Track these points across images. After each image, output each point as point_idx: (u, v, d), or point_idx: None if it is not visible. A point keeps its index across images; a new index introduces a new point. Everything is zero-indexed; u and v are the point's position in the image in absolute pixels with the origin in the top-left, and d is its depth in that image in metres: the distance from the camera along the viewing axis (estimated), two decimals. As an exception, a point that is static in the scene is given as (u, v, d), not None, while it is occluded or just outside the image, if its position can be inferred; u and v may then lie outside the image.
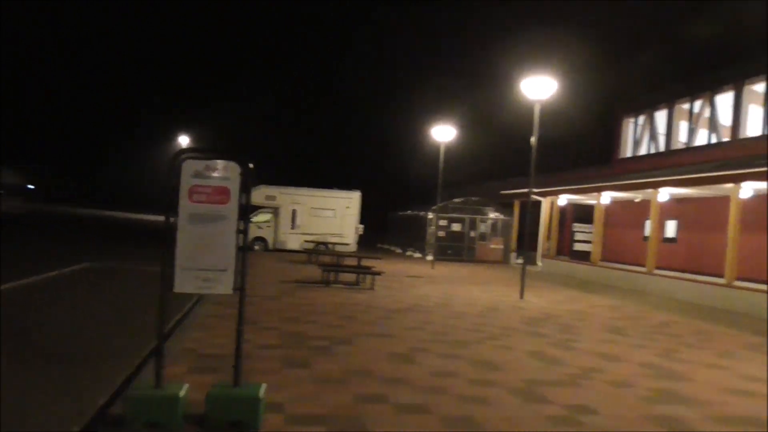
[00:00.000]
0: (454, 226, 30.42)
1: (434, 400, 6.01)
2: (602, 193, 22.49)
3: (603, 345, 9.54)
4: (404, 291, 15.21)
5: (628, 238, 24.72)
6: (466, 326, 10.49)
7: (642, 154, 24.53)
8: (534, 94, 15.02)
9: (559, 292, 17.37)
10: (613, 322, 12.21)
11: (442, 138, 24.32)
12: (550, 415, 5.75)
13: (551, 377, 7.23)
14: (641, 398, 6.55)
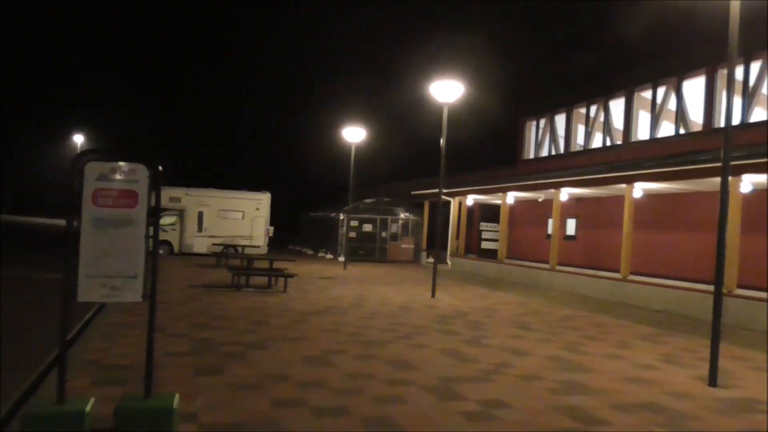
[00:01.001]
0: (366, 227, 30.59)
1: (352, 401, 6.01)
2: (507, 193, 23.34)
3: (512, 340, 9.89)
4: (317, 293, 15.13)
5: (532, 236, 25.78)
6: (381, 326, 10.57)
7: (544, 155, 25.66)
8: (442, 97, 15.36)
9: (468, 290, 17.85)
10: (520, 317, 12.69)
11: (352, 139, 24.40)
12: (465, 411, 5.90)
13: (465, 374, 7.42)
14: (549, 390, 6.85)
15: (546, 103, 25.72)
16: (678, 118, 18.92)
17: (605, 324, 12.39)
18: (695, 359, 9.02)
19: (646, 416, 6.06)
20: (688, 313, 14.16)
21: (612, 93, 21.91)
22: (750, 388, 7.47)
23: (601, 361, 8.64)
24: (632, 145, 20.58)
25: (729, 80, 7.96)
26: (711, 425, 5.89)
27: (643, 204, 17.98)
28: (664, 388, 7.24)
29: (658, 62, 20.27)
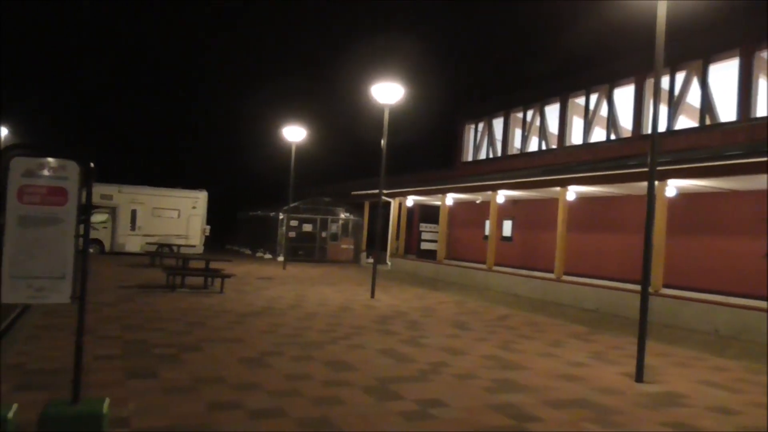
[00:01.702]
0: (306, 227, 30.39)
1: (289, 403, 5.97)
2: (446, 195, 23.66)
3: (449, 340, 10.04)
4: (255, 293, 14.92)
5: (470, 237, 26.22)
6: (319, 327, 10.53)
7: (482, 158, 26.15)
8: (383, 99, 15.44)
9: (407, 290, 18.00)
10: (458, 317, 12.89)
11: (293, 138, 24.20)
12: (403, 411, 5.95)
13: (403, 373, 7.48)
14: (484, 388, 6.98)
15: (484, 107, 26.22)
16: (609, 125, 19.65)
17: (539, 323, 12.73)
18: (623, 356, 9.38)
19: (577, 412, 6.26)
20: (617, 312, 14.72)
21: (548, 99, 22.54)
22: (673, 383, 7.83)
23: (534, 359, 8.87)
24: (566, 149, 21.23)
25: (655, 89, 8.32)
26: (637, 419, 6.14)
27: (576, 206, 18.58)
28: (594, 384, 7.51)
29: (591, 70, 20.99)
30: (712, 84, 16.41)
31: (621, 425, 5.92)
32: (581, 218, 19.32)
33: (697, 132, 16.42)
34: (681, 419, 6.22)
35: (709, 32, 16.87)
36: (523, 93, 24.01)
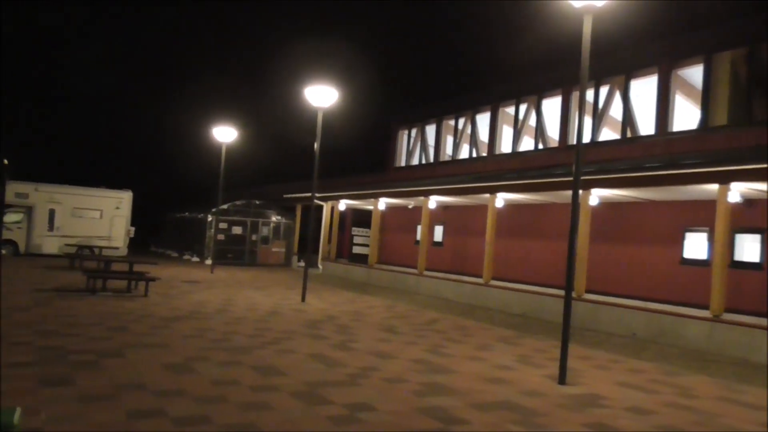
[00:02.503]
0: (235, 229, 29.80)
1: (215, 409, 5.81)
2: (379, 199, 23.77)
3: (379, 344, 10.06)
4: (181, 297, 14.50)
5: (402, 241, 26.41)
6: (248, 332, 10.33)
7: (414, 164, 26.41)
8: (317, 102, 15.35)
9: (338, 294, 17.93)
10: (388, 321, 12.94)
11: (223, 138, 23.70)
12: (332, 415, 5.90)
13: (332, 378, 7.43)
14: (413, 392, 7.03)
15: (418, 113, 26.51)
16: (537, 134, 20.26)
17: (468, 327, 12.94)
18: (547, 359, 9.66)
19: (502, 414, 6.39)
20: (542, 316, 15.16)
21: (479, 107, 23.02)
22: (593, 385, 8.12)
23: (462, 362, 9.01)
24: (496, 157, 21.73)
25: (581, 102, 8.64)
26: (559, 420, 6.33)
27: (505, 213, 19.04)
28: (519, 387, 7.69)
29: (520, 81, 21.59)
30: (633, 98, 17.19)
31: (544, 426, 6.08)
32: (509, 225, 19.81)
33: (619, 144, 17.15)
34: (600, 420, 6.45)
35: (631, 49, 17.69)
36: (456, 101, 24.43)
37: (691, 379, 8.96)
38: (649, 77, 16.72)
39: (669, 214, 15.68)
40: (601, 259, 16.56)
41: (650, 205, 16.12)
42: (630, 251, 16.45)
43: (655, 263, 15.78)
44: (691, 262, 14.94)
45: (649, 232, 16.08)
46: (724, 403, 7.58)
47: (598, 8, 8.32)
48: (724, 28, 15.21)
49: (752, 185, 12.14)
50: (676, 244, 15.36)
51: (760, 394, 8.33)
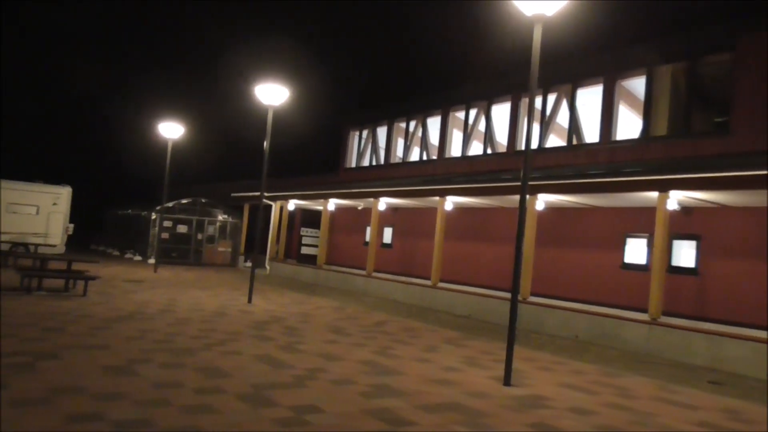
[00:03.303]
0: (181, 228, 29.15)
1: (157, 413, 5.65)
2: (329, 200, 23.66)
3: (326, 345, 10.00)
4: (122, 297, 14.07)
5: (351, 243, 26.36)
6: (192, 333, 10.10)
7: (365, 165, 26.42)
8: (267, 100, 15.17)
9: (286, 295, 17.75)
10: (336, 322, 12.89)
11: (169, 135, 23.14)
12: (277, 418, 5.82)
13: (278, 380, 7.34)
14: (361, 394, 7.01)
15: (369, 115, 26.53)
16: (487, 139, 20.55)
17: (416, 328, 13.01)
18: (493, 361, 9.80)
19: (449, 416, 6.44)
20: (488, 318, 15.38)
21: (430, 111, 23.20)
22: (538, 386, 8.28)
23: (410, 364, 9.04)
24: (446, 161, 21.94)
25: (529, 108, 8.81)
26: (504, 421, 6.42)
27: (453, 216, 19.23)
28: (465, 388, 7.77)
29: (471, 86, 21.87)
30: (579, 107, 17.65)
31: (489, 427, 6.15)
32: (458, 228, 20.03)
33: (565, 151, 17.57)
34: (543, 420, 6.58)
35: (578, 59, 18.15)
36: (407, 104, 24.55)
37: (629, 380, 9.24)
38: (594, 87, 17.18)
39: (611, 220, 16.16)
40: (547, 262, 16.93)
41: (594, 211, 16.58)
42: (574, 255, 16.87)
43: (597, 267, 16.23)
44: (631, 267, 15.42)
45: (593, 237, 16.53)
46: (659, 403, 7.85)
47: (549, 17, 8.50)
48: (666, 42, 15.79)
49: (689, 194, 12.63)
50: (617, 249, 15.84)
51: (693, 394, 8.67)
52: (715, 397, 8.56)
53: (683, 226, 14.31)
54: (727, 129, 13.67)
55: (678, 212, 13.81)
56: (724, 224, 13.84)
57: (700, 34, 14.88)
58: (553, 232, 17.09)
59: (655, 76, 15.64)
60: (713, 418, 7.35)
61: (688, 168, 12.21)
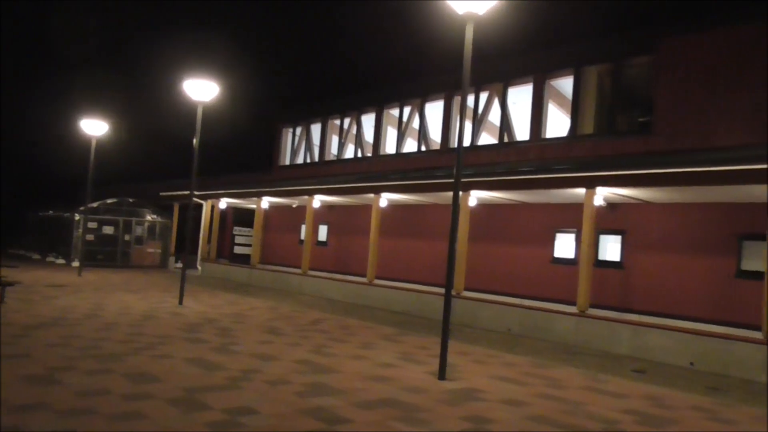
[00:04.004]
0: (106, 229, 28.03)
1: (81, 422, 5.40)
2: (262, 198, 23.31)
3: (261, 346, 9.83)
4: (44, 303, 13.41)
5: (285, 241, 26.06)
6: (120, 337, 9.73)
7: (299, 162, 26.15)
8: (197, 96, 14.77)
9: (219, 296, 17.37)
10: (271, 322, 12.70)
11: (92, 132, 22.19)
12: (210, 421, 5.67)
13: (211, 383, 7.16)
14: (296, 393, 6.92)
15: (303, 111, 26.28)
16: (421, 137, 20.72)
17: (352, 326, 12.98)
18: (428, 356, 9.89)
19: (385, 411, 6.45)
20: (424, 314, 15.53)
21: (364, 108, 23.20)
22: (471, 379, 8.41)
23: (346, 362, 9.01)
24: (381, 158, 22.00)
25: (462, 106, 8.92)
26: (439, 415, 6.48)
27: (389, 213, 19.30)
28: (402, 384, 7.80)
29: (405, 84, 22.00)
30: (510, 105, 18.04)
31: (424, 422, 6.20)
32: (393, 224, 20.13)
33: (497, 148, 17.93)
34: (477, 413, 6.68)
35: (509, 58, 18.54)
36: (341, 101, 24.47)
37: (559, 371, 9.53)
38: (525, 86, 17.60)
39: (541, 215, 16.61)
40: (480, 258, 17.24)
41: (524, 207, 17.00)
42: (506, 251, 17.25)
43: (528, 262, 16.65)
44: (560, 261, 15.91)
45: (524, 232, 16.95)
46: (588, 392, 8.12)
47: (480, 16, 8.63)
48: (592, 44, 16.34)
49: (615, 190, 13.12)
50: (547, 244, 16.30)
51: (619, 382, 9.02)
52: (638, 385, 8.93)
53: (609, 221, 14.86)
54: (650, 128, 14.27)
55: (604, 208, 14.33)
56: (646, 219, 14.47)
57: (623, 37, 15.48)
58: (486, 228, 17.42)
59: (582, 76, 16.15)
60: (638, 404, 7.67)
61: (613, 165, 12.69)
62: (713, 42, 13.28)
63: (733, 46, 12.98)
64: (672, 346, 11.14)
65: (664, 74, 14.08)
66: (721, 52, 13.15)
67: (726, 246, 13.05)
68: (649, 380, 9.37)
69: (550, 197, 15.37)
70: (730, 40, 13.04)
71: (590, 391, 8.26)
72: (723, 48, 13.13)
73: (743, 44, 12.83)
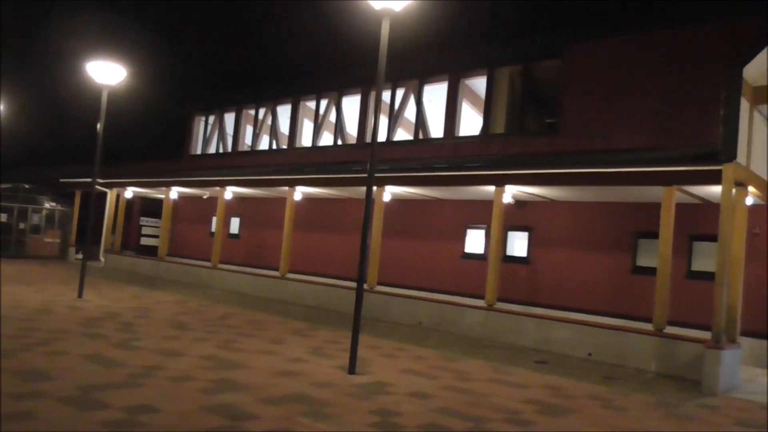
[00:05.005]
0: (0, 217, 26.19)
1: (-40, 424, 5.00)
2: (171, 188, 22.50)
3: (166, 341, 9.49)
4: (-76, 294, 12.37)
5: (195, 233, 25.29)
6: (11, 333, 9.10)
7: (211, 152, 25.40)
8: (101, 79, 14.03)
9: (122, 289, 16.63)
10: (177, 317, 12.29)
11: (-14, 112, 20.68)
12: (107, 420, 5.41)
13: (110, 380, 6.83)
14: (201, 390, 6.72)
15: (216, 100, 25.54)
16: (337, 130, 20.64)
17: (262, 321, 12.77)
18: (339, 350, 9.88)
19: (292, 407, 6.38)
20: (336, 308, 15.50)
21: (280, 99, 22.81)
22: (381, 373, 8.47)
23: (255, 357, 8.85)
24: (296, 150, 21.73)
25: (377, 102, 8.94)
26: (347, 409, 6.48)
27: (303, 206, 19.11)
28: (311, 378, 7.75)
29: (322, 77, 21.81)
30: (426, 102, 18.26)
31: (332, 416, 6.18)
32: (308, 218, 19.96)
33: (412, 144, 18.12)
34: (385, 406, 6.73)
35: (426, 56, 18.76)
36: (257, 91, 23.95)
37: (467, 364, 9.77)
38: (440, 84, 17.87)
39: (453, 212, 16.96)
40: (393, 252, 17.39)
41: (437, 203, 17.30)
42: (419, 246, 17.50)
43: (440, 257, 16.97)
44: (470, 257, 16.31)
45: (436, 228, 17.25)
46: (493, 384, 8.37)
47: (397, 13, 8.67)
48: (505, 46, 16.80)
49: (523, 188, 13.58)
50: (458, 239, 16.67)
51: (523, 374, 9.35)
52: (541, 376, 9.30)
53: (517, 218, 15.38)
54: (557, 130, 14.85)
55: (513, 205, 14.81)
56: (551, 217, 15.08)
57: (534, 41, 16.02)
58: (400, 223, 17.59)
59: (495, 77, 16.58)
60: (539, 394, 7.98)
61: (522, 164, 13.13)
62: (613, 49, 13.97)
63: (630, 54, 13.72)
64: (572, 338, 11.67)
65: (570, 78, 14.68)
66: (620, 60, 13.86)
67: (624, 243, 13.82)
68: (550, 371, 9.77)
69: (462, 194, 15.72)
70: (628, 48, 13.76)
71: (495, 382, 8.51)
72: (621, 55, 13.85)
73: (639, 53, 13.58)
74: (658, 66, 13.13)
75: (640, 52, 13.56)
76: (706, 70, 12.17)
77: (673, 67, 12.86)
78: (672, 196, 10.98)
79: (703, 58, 12.42)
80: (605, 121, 13.85)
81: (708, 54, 12.33)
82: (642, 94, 13.27)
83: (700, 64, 12.40)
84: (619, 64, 13.84)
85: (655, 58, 13.23)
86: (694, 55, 12.60)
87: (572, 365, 10.53)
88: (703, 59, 12.38)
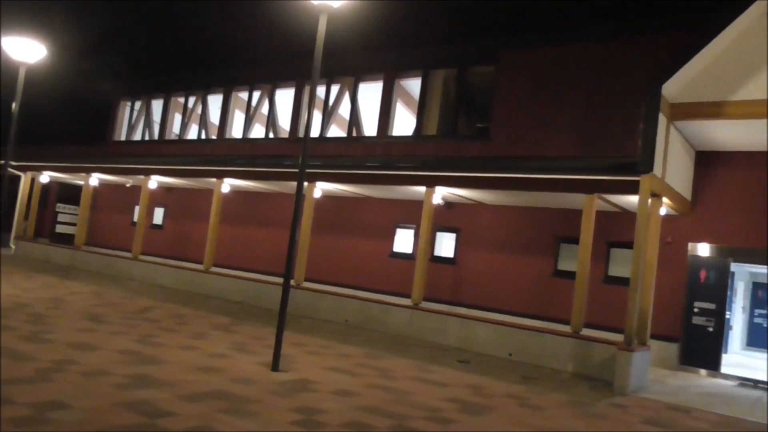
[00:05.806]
0: None
1: None
2: (92, 174, 21.57)
3: (80, 334, 9.08)
4: None
5: (116, 222, 24.32)
6: None
7: (137, 139, 24.49)
8: (18, 56, 13.26)
9: (34, 279, 15.80)
10: (93, 309, 11.78)
11: None
12: (12, 417, 5.11)
13: (16, 375, 6.46)
14: (116, 386, 6.47)
15: (144, 85, 24.63)
16: (269, 123, 20.32)
17: (184, 315, 12.43)
18: (262, 346, 9.73)
19: (213, 404, 6.23)
20: (261, 304, 15.27)
21: (211, 88, 22.24)
22: (305, 370, 8.41)
23: (174, 352, 8.59)
24: (226, 141, 21.24)
25: (310, 96, 8.86)
26: (269, 407, 6.39)
27: (231, 199, 18.73)
28: (232, 375, 7.59)
29: (256, 68, 21.41)
30: (360, 100, 18.25)
31: (253, 414, 6.08)
32: (236, 211, 19.58)
33: (345, 142, 18.07)
34: (308, 404, 6.68)
35: (362, 54, 18.75)
36: (187, 78, 23.26)
37: (391, 362, 9.83)
38: (375, 82, 17.90)
39: (383, 210, 17.04)
40: (322, 249, 17.30)
41: (368, 201, 17.33)
42: (348, 243, 17.48)
43: (369, 255, 17.01)
44: (399, 256, 16.43)
45: (366, 226, 17.29)
46: (417, 383, 8.46)
47: (334, 9, 8.62)
48: (440, 49, 17.00)
49: (452, 190, 13.80)
50: (388, 238, 16.76)
51: (445, 372, 9.51)
52: (462, 375, 9.48)
53: (446, 219, 15.61)
54: (487, 134, 15.16)
55: (442, 206, 15.02)
56: (479, 219, 15.40)
57: (469, 45, 16.29)
58: (330, 220, 17.53)
59: (429, 79, 16.77)
60: (460, 393, 8.13)
61: (452, 167, 13.35)
62: (546, 59, 14.41)
63: (562, 64, 14.18)
64: (494, 338, 11.96)
65: (503, 84, 15.01)
66: (552, 69, 14.31)
67: (546, 247, 14.28)
68: (472, 370, 9.98)
69: (393, 193, 15.82)
70: (561, 59, 14.22)
71: (418, 381, 8.61)
72: (554, 65, 14.30)
73: (571, 64, 14.07)
74: (588, 78, 13.63)
75: (572, 63, 14.03)
76: (630, 85, 12.71)
77: (602, 79, 13.39)
78: (593, 204, 11.44)
79: (628, 72, 12.99)
80: (534, 128, 14.25)
81: (633, 69, 12.90)
82: (571, 104, 13.74)
83: (626, 79, 12.96)
84: (551, 74, 14.27)
85: (585, 70, 13.72)
86: (621, 70, 13.17)
87: (493, 365, 10.78)
88: (629, 74, 12.95)
